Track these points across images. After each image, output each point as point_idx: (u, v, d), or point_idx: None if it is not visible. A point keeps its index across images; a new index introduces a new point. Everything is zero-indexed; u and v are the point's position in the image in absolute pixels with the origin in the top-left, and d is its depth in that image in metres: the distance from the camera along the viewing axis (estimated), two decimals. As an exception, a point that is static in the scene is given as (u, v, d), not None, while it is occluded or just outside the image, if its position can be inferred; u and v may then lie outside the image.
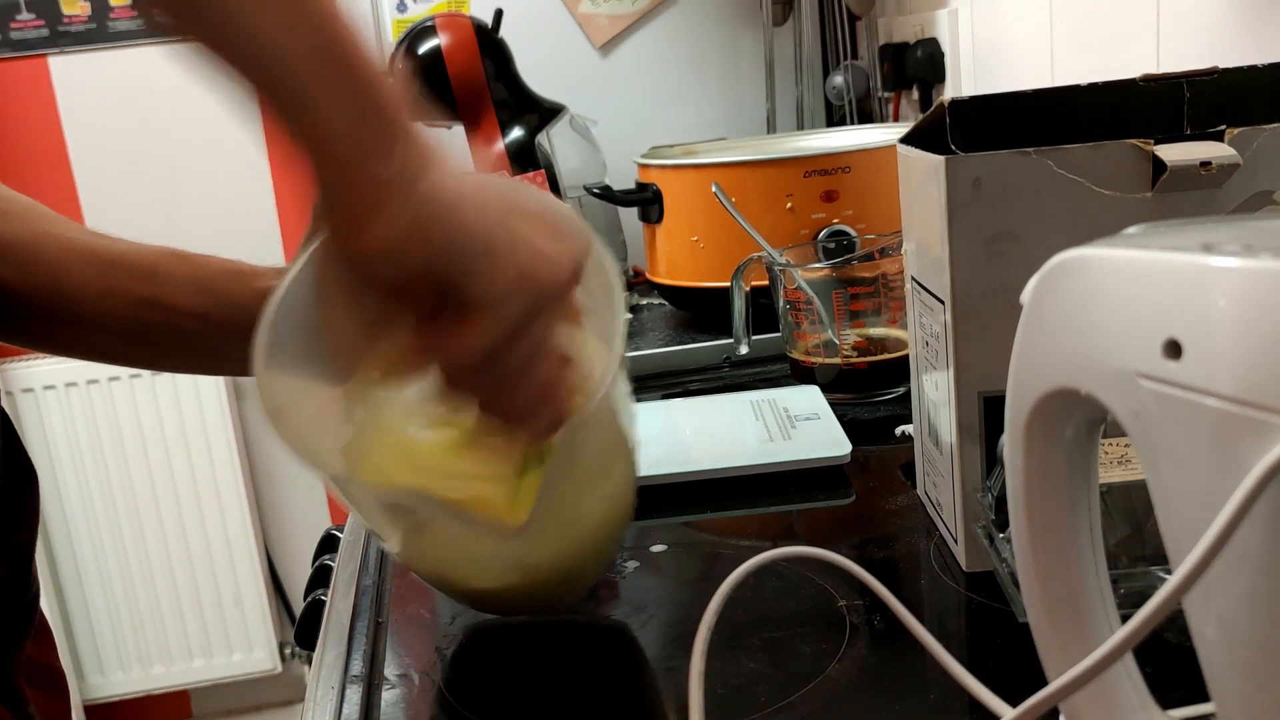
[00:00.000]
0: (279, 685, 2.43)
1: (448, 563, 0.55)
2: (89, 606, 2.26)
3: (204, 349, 0.62)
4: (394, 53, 1.31)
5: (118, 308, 0.61)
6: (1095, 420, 0.36)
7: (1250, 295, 0.27)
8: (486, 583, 0.56)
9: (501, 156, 1.29)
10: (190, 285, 0.61)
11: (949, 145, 0.58)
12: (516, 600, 0.58)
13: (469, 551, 0.54)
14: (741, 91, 1.59)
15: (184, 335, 0.62)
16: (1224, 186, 0.53)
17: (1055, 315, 0.34)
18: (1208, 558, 0.27)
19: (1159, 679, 0.39)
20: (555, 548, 0.54)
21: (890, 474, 0.76)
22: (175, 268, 0.62)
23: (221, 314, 0.61)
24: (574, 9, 1.52)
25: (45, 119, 2.20)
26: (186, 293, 0.61)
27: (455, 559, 0.55)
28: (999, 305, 0.56)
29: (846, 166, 1.05)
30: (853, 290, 0.89)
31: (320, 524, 2.45)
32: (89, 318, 0.61)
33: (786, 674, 0.53)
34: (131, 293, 0.61)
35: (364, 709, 0.54)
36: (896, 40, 1.45)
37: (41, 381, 2.17)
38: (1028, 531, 0.38)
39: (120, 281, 0.61)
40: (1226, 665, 0.29)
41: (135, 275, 0.61)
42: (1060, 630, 0.38)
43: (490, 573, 0.55)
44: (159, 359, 0.65)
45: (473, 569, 0.55)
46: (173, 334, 0.62)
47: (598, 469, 0.54)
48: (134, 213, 2.26)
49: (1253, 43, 0.77)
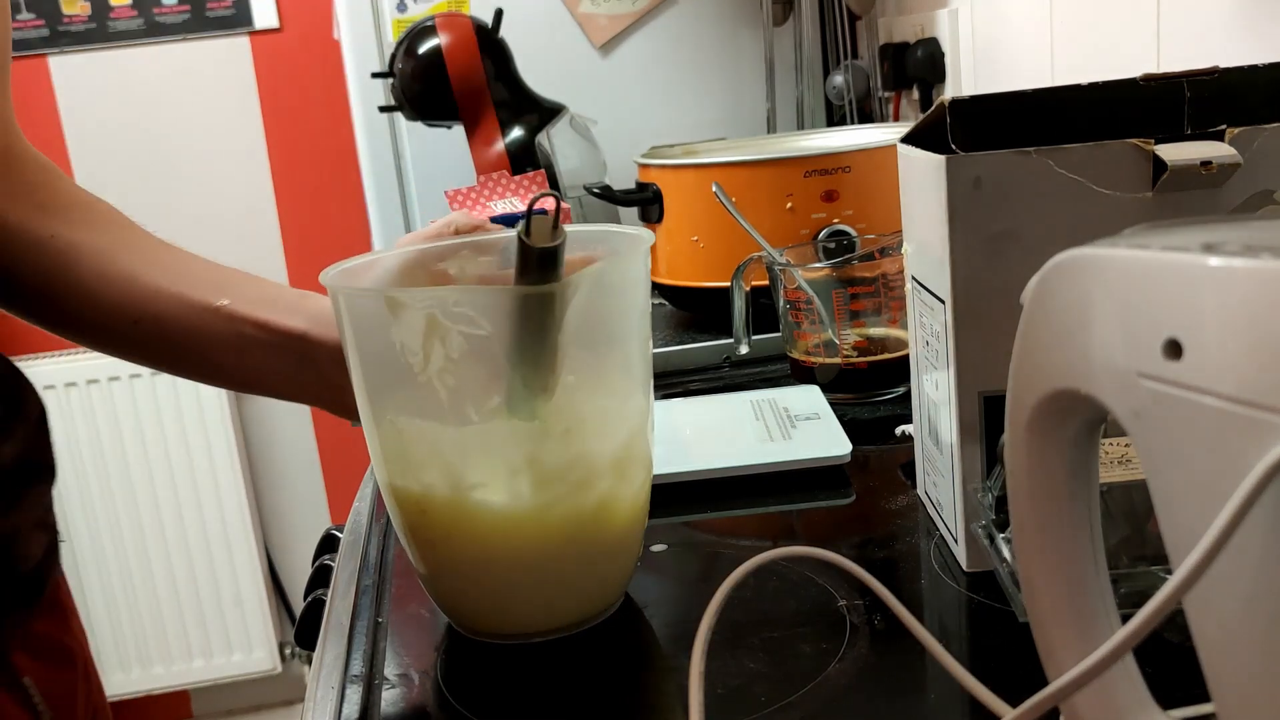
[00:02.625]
0: (279, 685, 2.44)
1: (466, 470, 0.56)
2: (89, 606, 2.26)
3: (261, 358, 0.66)
4: (394, 52, 1.31)
5: (185, 313, 0.65)
6: (1095, 420, 0.36)
7: (1250, 295, 0.27)
8: (498, 494, 0.56)
9: (501, 156, 1.29)
10: (256, 296, 0.66)
11: (949, 145, 0.58)
12: (529, 552, 0.58)
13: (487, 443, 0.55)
14: (741, 91, 1.59)
15: (247, 341, 0.65)
16: (1224, 186, 0.53)
17: (1055, 315, 0.34)
18: (1208, 558, 0.27)
19: (1159, 679, 0.39)
20: (564, 452, 0.55)
21: (890, 474, 0.76)
22: (241, 280, 0.68)
23: (281, 324, 0.65)
24: (574, 9, 1.52)
25: (45, 119, 2.20)
26: (252, 300, 0.66)
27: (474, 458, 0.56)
28: (999, 305, 0.56)
29: (847, 166, 1.05)
30: (853, 290, 0.89)
31: (320, 524, 2.45)
32: (154, 318, 0.65)
33: (786, 674, 0.53)
34: (199, 300, 0.66)
35: (364, 709, 0.54)
36: (897, 40, 1.45)
37: (41, 381, 2.17)
38: (1028, 531, 0.38)
39: (188, 288, 0.66)
40: (1226, 665, 0.29)
41: (203, 284, 0.66)
42: (1060, 630, 0.38)
43: (502, 475, 0.55)
44: (220, 370, 0.69)
45: (488, 473, 0.56)
46: (236, 339, 0.66)
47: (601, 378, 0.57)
48: (134, 212, 2.25)
49: (1253, 43, 0.77)
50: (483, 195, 1.22)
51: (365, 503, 0.80)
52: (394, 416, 0.56)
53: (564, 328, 0.54)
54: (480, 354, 0.54)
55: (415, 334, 0.53)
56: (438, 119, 1.32)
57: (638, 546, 0.62)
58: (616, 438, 0.58)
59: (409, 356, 0.54)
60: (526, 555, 0.57)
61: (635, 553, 0.62)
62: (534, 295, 0.54)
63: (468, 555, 0.57)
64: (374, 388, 0.57)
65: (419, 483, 0.56)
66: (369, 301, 0.56)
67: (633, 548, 0.61)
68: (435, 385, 0.54)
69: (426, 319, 0.53)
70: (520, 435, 0.55)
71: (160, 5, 2.19)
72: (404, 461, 0.56)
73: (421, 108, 1.30)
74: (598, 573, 0.59)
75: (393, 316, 0.54)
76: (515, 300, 0.54)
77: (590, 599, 0.60)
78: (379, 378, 0.57)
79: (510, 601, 0.58)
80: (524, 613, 0.58)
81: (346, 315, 0.56)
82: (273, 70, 2.25)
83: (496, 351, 0.54)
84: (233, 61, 2.23)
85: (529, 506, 0.56)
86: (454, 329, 0.53)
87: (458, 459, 0.55)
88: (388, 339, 0.54)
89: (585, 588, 0.59)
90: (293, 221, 2.29)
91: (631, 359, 0.59)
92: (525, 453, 0.55)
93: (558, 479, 0.56)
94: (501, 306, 0.54)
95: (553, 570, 0.57)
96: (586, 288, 0.55)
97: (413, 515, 0.57)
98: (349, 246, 2.30)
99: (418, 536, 0.58)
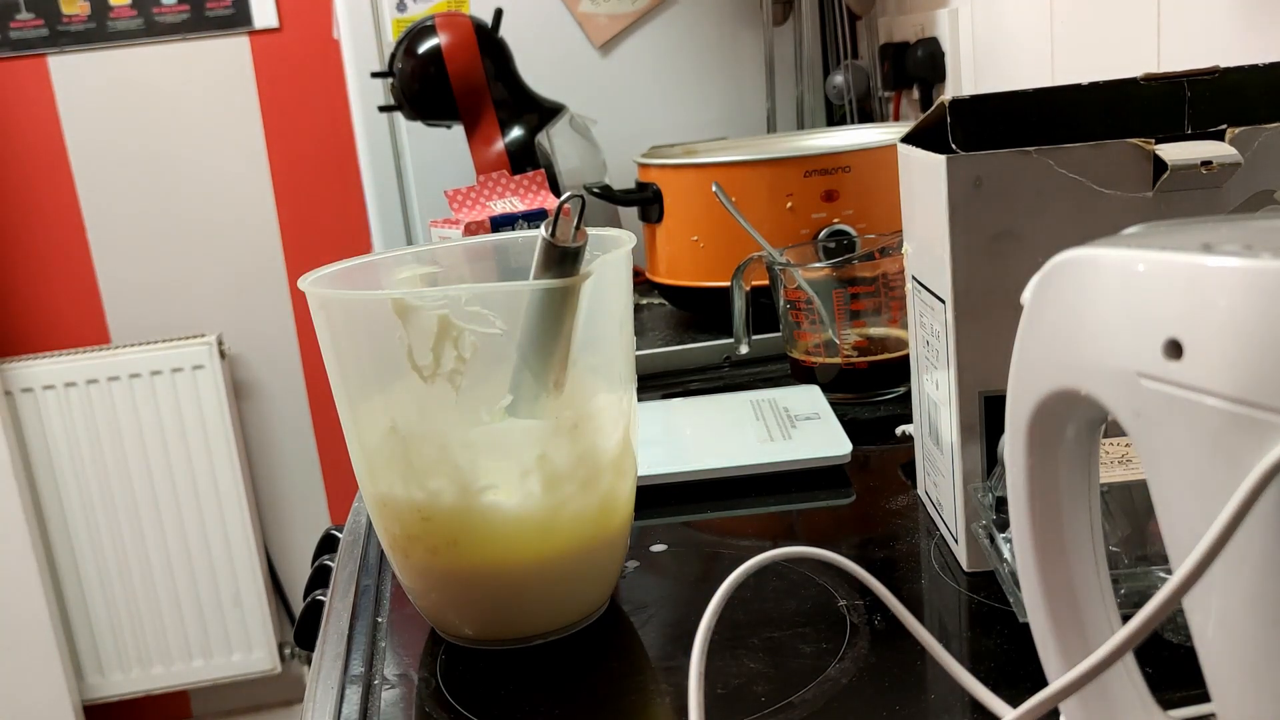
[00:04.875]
0: (279, 685, 2.44)
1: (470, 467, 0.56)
2: (89, 606, 2.26)
3: None
4: (394, 52, 1.31)
5: None
6: (1096, 420, 0.36)
7: (1251, 295, 0.27)
8: (509, 495, 0.56)
9: (501, 156, 1.29)
10: None
11: (949, 145, 0.58)
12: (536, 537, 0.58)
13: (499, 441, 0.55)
14: (741, 91, 1.59)
15: None
16: (1225, 186, 0.53)
17: (1055, 315, 0.34)
18: (1208, 558, 0.27)
19: (1159, 679, 0.39)
20: (572, 450, 0.55)
21: (890, 474, 0.76)
22: None
23: None
24: (574, 9, 1.52)
25: (45, 119, 2.20)
26: None
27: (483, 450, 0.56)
28: (999, 305, 0.56)
29: (847, 166, 1.05)
30: (853, 290, 0.89)
31: (320, 524, 2.45)
32: None
33: (786, 674, 0.53)
34: None
35: (364, 709, 0.54)
36: (897, 40, 1.45)
37: (41, 381, 2.17)
38: (1028, 531, 0.38)
39: None
40: (1226, 665, 0.29)
41: None
42: (1061, 630, 0.38)
43: (513, 476, 0.55)
44: None
45: (498, 466, 0.56)
46: None
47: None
48: (132, 212, 2.26)
49: (1253, 42, 0.77)
50: (482, 195, 1.22)
51: (365, 503, 0.80)
52: (394, 423, 0.55)
53: (576, 323, 0.55)
54: (494, 353, 0.54)
55: (425, 337, 0.53)
56: (437, 119, 1.32)
57: (628, 545, 0.63)
58: (615, 435, 0.58)
59: (417, 360, 0.54)
60: (536, 556, 0.57)
61: (625, 551, 0.62)
62: (555, 290, 0.54)
63: (475, 560, 0.57)
64: (365, 397, 0.56)
65: (423, 489, 0.55)
66: (366, 307, 0.56)
67: (624, 546, 0.62)
68: (446, 387, 0.54)
69: (439, 321, 0.53)
70: (531, 434, 0.55)
71: (160, 5, 2.18)
72: (405, 468, 0.56)
73: (421, 107, 1.30)
74: (597, 572, 0.59)
75: (400, 320, 0.53)
76: (535, 295, 0.54)
77: (589, 599, 0.60)
78: (373, 385, 0.56)
79: (516, 605, 0.58)
80: (527, 616, 0.58)
81: (336, 325, 0.56)
82: (272, 70, 2.25)
83: (510, 350, 0.54)
84: (232, 61, 2.23)
85: (539, 507, 0.56)
86: (466, 329, 0.53)
87: (467, 462, 0.55)
88: (387, 345, 0.54)
89: (585, 587, 0.59)
90: (292, 221, 2.29)
91: (621, 355, 0.59)
92: (535, 452, 0.55)
93: (566, 478, 0.56)
94: (519, 303, 0.54)
95: (559, 570, 0.57)
96: (588, 285, 0.55)
97: (412, 525, 0.57)
98: (349, 246, 2.30)
99: (418, 546, 0.57)
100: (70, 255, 2.25)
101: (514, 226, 1.17)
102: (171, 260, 2.29)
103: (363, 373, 0.56)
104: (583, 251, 0.55)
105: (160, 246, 2.28)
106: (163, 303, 2.31)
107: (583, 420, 0.56)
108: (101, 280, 2.27)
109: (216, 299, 2.32)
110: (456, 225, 1.17)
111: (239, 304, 2.33)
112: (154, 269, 2.29)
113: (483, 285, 0.63)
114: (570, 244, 0.54)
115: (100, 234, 2.24)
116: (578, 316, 0.55)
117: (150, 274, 2.29)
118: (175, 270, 2.30)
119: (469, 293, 0.54)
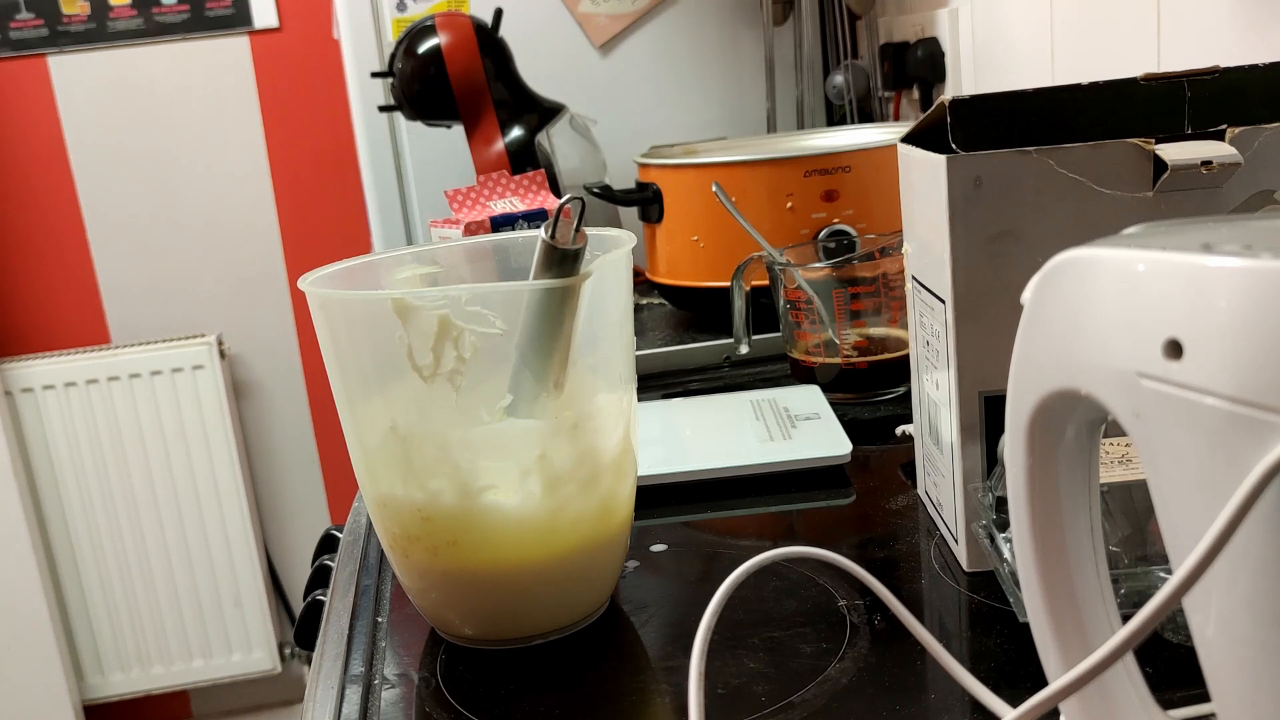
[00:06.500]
0: (278, 685, 2.44)
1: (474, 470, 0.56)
2: (89, 606, 2.26)
3: None
4: (394, 52, 1.31)
5: None
6: (1096, 420, 0.36)
7: (1251, 295, 0.27)
8: (509, 495, 0.56)
9: (501, 156, 1.29)
10: None
11: (949, 145, 0.58)
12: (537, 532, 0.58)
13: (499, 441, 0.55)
14: (741, 91, 1.59)
15: None
16: (1224, 186, 0.53)
17: (1055, 315, 0.34)
18: (1208, 558, 0.27)
19: (1159, 679, 0.39)
20: (573, 450, 0.56)
21: (890, 474, 0.76)
22: None
23: None
24: (574, 9, 1.52)
25: (44, 119, 2.20)
26: None
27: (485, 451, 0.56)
28: (1000, 305, 0.56)
29: (847, 166, 1.05)
30: (853, 290, 0.89)
31: (320, 524, 2.45)
32: None
33: (786, 674, 0.53)
34: None
35: (364, 709, 0.54)
36: (897, 40, 1.45)
37: (41, 381, 2.17)
38: (1028, 531, 0.38)
39: None
40: (1226, 665, 0.29)
41: None
42: (1061, 630, 0.38)
43: (514, 476, 0.55)
44: None
45: (499, 465, 0.56)
46: None
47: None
48: (132, 212, 2.26)
49: (1253, 42, 0.77)
50: (482, 195, 1.22)
51: (365, 503, 0.80)
52: (394, 423, 0.55)
53: (576, 323, 0.55)
54: (494, 353, 0.54)
55: (425, 337, 0.53)
56: (437, 119, 1.32)
57: (628, 545, 0.63)
58: (615, 435, 0.58)
59: (417, 360, 0.54)
60: (536, 556, 0.57)
61: (625, 551, 0.62)
62: (554, 290, 0.54)
63: (475, 560, 0.57)
64: (365, 397, 0.56)
65: (423, 489, 0.55)
66: (366, 307, 0.55)
67: (625, 546, 0.62)
68: (446, 387, 0.54)
69: (439, 321, 0.53)
70: (531, 434, 0.55)
71: (159, 5, 2.18)
72: (405, 469, 0.56)
73: (421, 107, 1.30)
74: (597, 572, 0.59)
75: (400, 320, 0.53)
76: (535, 295, 0.54)
77: (589, 599, 0.60)
78: (373, 385, 0.56)
79: (516, 605, 0.58)
80: (527, 616, 0.58)
81: (336, 324, 0.56)
82: (272, 70, 2.25)
83: (510, 350, 0.54)
84: (232, 61, 2.23)
85: (540, 507, 0.56)
86: (466, 329, 0.53)
87: (467, 462, 0.55)
88: (387, 345, 0.54)
89: (585, 587, 0.59)
90: (292, 221, 2.29)
91: (621, 355, 0.59)
92: (536, 452, 0.55)
93: (566, 478, 0.56)
94: (519, 303, 0.54)
95: (559, 570, 0.57)
96: (588, 285, 0.55)
97: (412, 525, 0.57)
98: (348, 246, 2.30)
99: (418, 546, 0.57)
100: (70, 255, 2.25)
101: (514, 226, 1.17)
102: (171, 260, 2.29)
103: (363, 373, 0.56)
104: (583, 253, 0.55)
105: (160, 246, 2.28)
106: (163, 303, 2.31)
107: (583, 420, 0.56)
108: (101, 280, 2.27)
109: (216, 299, 2.32)
110: (456, 225, 1.17)
111: (239, 304, 2.33)
112: (154, 269, 2.29)
113: (483, 285, 0.63)
114: (570, 246, 0.54)
115: (100, 234, 2.24)
116: (578, 317, 0.55)
117: (150, 274, 2.29)
118: (175, 270, 2.30)
119: (469, 293, 0.53)
